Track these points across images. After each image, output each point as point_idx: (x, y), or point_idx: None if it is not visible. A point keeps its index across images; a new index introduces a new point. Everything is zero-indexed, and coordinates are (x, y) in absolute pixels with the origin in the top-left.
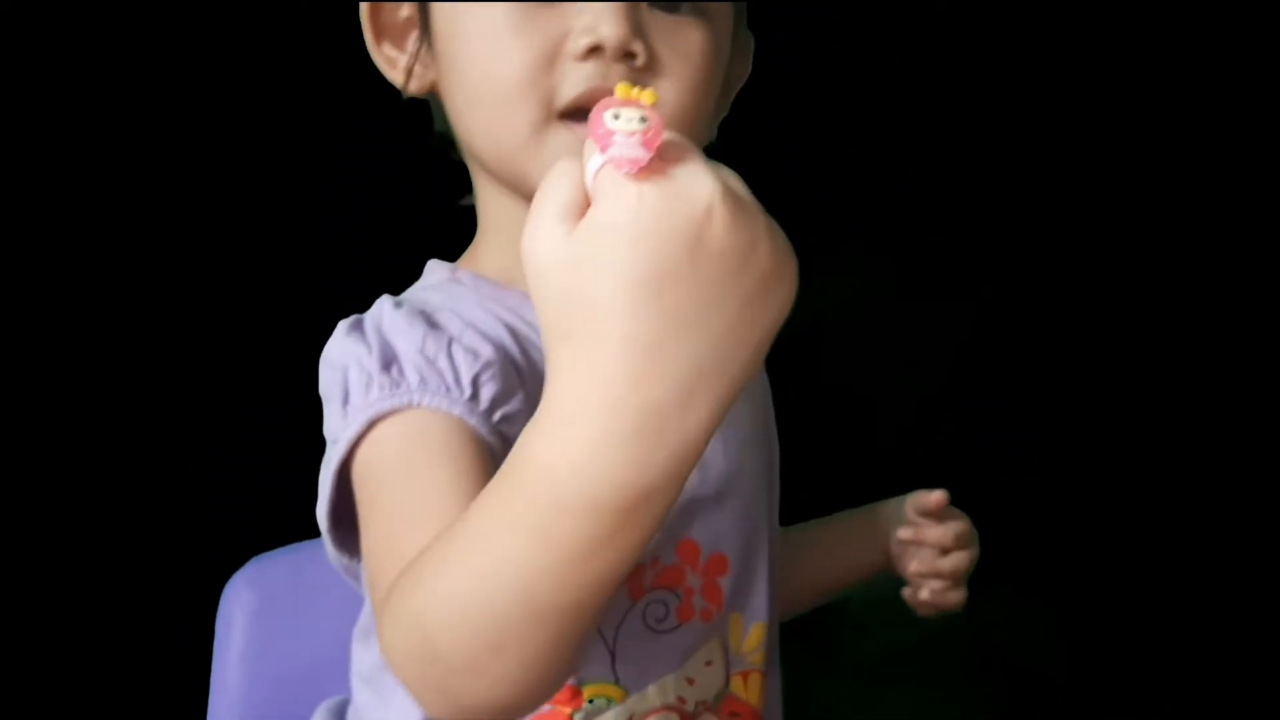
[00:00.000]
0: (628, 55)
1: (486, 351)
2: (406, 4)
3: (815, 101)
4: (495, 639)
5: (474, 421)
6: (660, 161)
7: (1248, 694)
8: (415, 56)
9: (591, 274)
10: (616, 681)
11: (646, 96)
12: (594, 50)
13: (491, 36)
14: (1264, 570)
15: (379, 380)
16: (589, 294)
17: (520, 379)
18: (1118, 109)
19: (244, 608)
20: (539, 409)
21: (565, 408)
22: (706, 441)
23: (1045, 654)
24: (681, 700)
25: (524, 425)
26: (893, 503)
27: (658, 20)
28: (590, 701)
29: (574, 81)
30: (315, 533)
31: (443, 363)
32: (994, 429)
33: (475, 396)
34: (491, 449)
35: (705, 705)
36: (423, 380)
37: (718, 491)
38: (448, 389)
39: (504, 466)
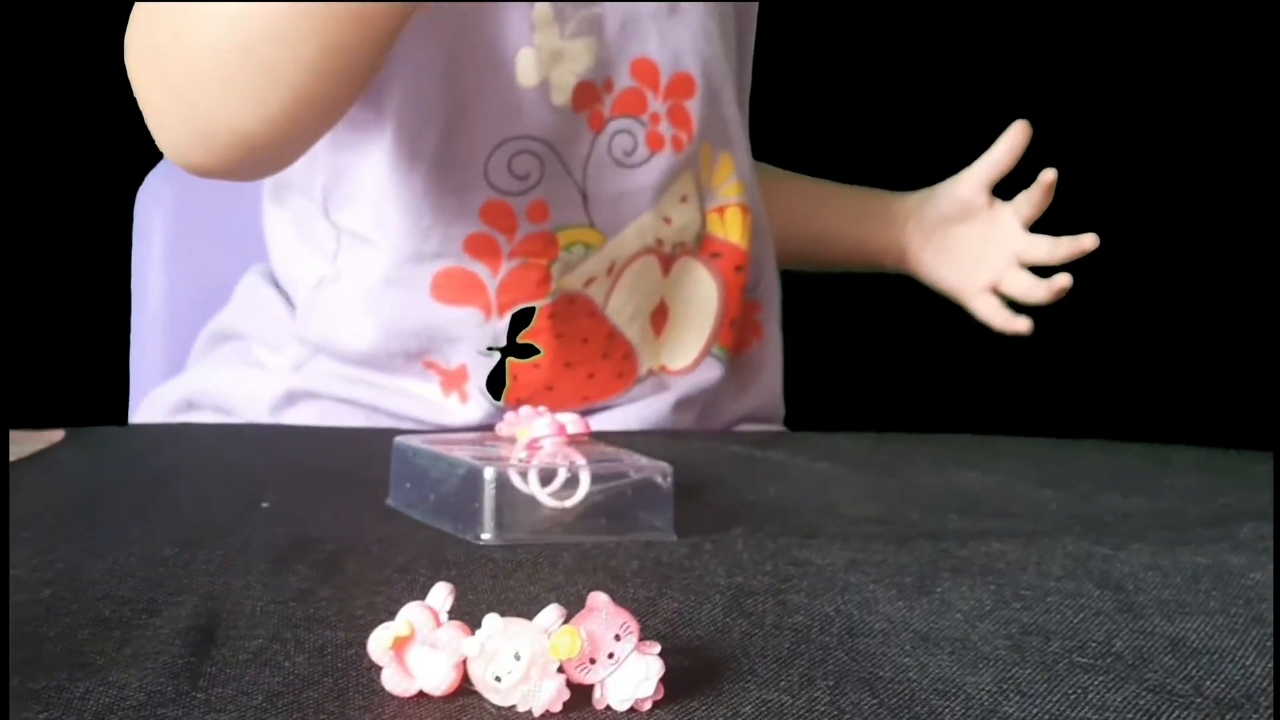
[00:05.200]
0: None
1: None
2: None
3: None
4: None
5: None
6: None
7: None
8: None
9: None
10: (592, 224)
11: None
12: None
13: None
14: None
15: None
16: None
17: None
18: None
19: (163, 205)
20: None
21: None
22: None
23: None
24: (660, 242)
25: None
26: (913, 197)
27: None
28: (567, 250)
29: None
30: None
31: None
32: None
33: None
34: None
35: (684, 248)
36: None
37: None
38: None
39: None
